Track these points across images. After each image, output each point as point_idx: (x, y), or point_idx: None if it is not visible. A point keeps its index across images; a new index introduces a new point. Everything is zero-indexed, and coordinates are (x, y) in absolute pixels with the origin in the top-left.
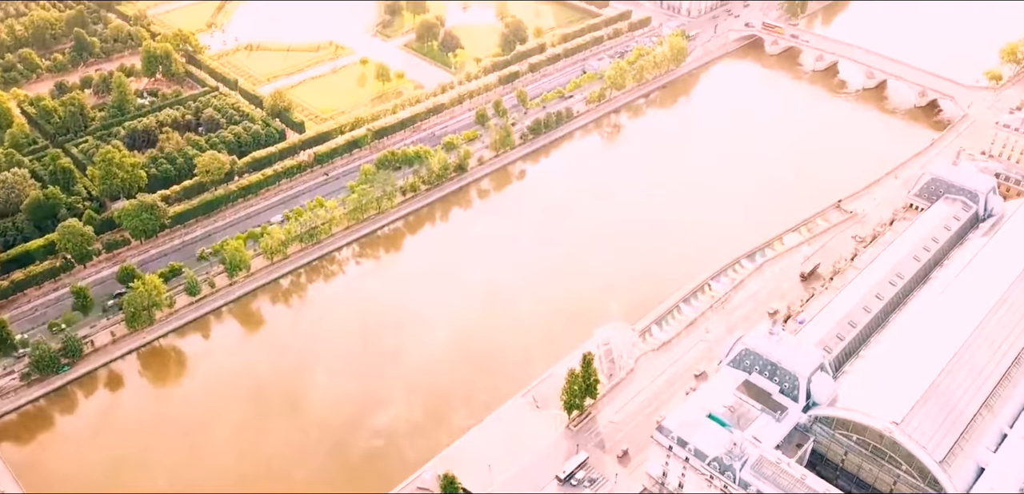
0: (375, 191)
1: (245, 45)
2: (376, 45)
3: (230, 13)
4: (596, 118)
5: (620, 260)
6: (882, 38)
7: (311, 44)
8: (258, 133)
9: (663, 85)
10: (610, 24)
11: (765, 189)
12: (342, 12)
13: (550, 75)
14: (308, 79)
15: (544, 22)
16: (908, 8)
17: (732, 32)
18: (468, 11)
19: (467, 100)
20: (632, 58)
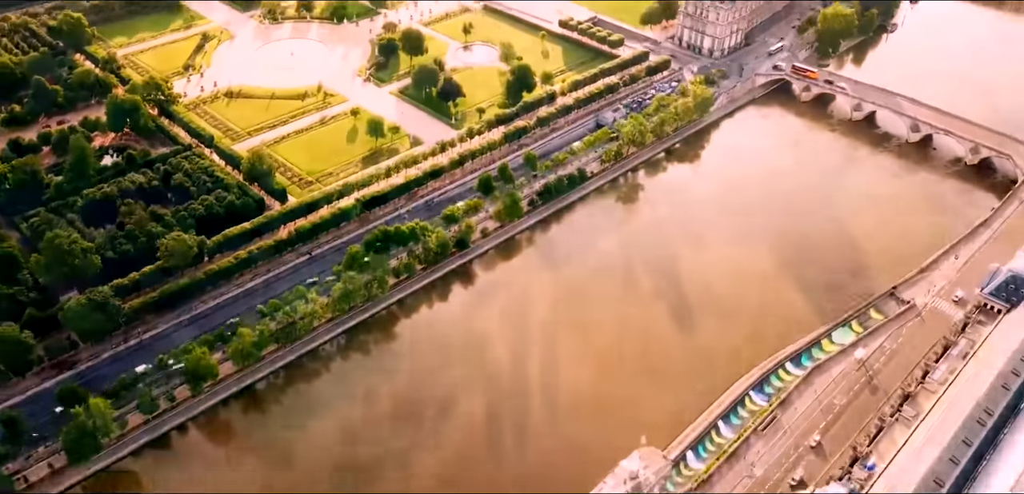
0: (364, 277)
1: (225, 90)
2: (369, 91)
3: (210, 53)
4: (612, 178)
5: (644, 358)
6: (925, 81)
7: (297, 89)
8: (233, 204)
9: (685, 137)
10: (625, 68)
11: (803, 267)
12: (332, 53)
13: (560, 128)
14: (293, 132)
15: (552, 64)
16: (956, 48)
17: (759, 75)
18: (470, 50)
19: (469, 161)
20: (651, 109)
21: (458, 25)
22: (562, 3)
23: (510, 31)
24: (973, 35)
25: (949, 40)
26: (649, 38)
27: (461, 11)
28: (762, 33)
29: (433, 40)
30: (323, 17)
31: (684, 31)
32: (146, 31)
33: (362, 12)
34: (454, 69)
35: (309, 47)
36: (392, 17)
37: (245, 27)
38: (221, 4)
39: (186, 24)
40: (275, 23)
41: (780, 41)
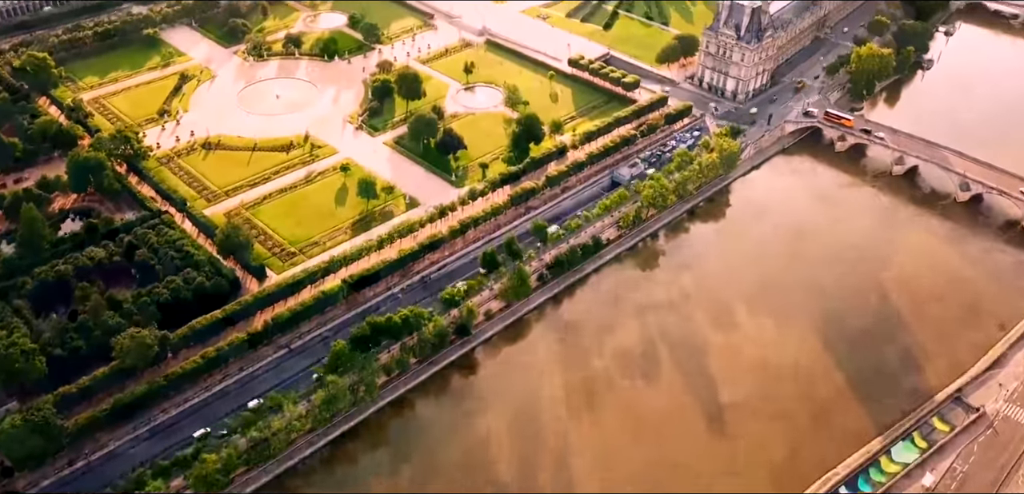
0: (350, 379)
1: (202, 141)
2: (361, 141)
3: (189, 95)
4: (631, 245)
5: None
6: (970, 126)
7: (282, 139)
8: (202, 286)
9: (709, 196)
10: (642, 115)
11: (849, 355)
12: (322, 94)
13: (572, 187)
14: (276, 190)
15: (562, 108)
16: (999, 85)
17: (788, 122)
18: (472, 91)
19: (471, 228)
20: (672, 166)
21: (459, 63)
22: (572, 37)
23: (515, 69)
24: (1016, 69)
25: (990, 76)
26: (666, 78)
27: (462, 46)
28: (789, 72)
29: (431, 80)
30: (313, 53)
31: (705, 71)
32: (121, 69)
33: (355, 48)
34: (454, 115)
35: (297, 88)
36: (387, 53)
37: (228, 65)
38: (203, 39)
39: (164, 62)
40: (260, 60)
41: (814, 79)
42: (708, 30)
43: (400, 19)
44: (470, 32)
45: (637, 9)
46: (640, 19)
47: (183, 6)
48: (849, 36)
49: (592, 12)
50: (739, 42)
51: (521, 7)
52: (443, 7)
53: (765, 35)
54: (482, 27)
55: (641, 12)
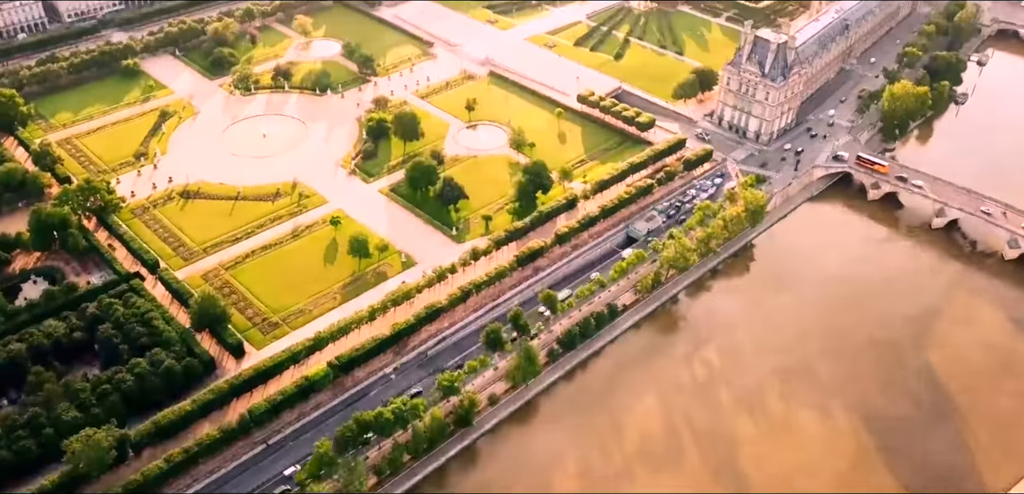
0: (333, 483)
1: (181, 189)
2: (353, 189)
3: (168, 135)
4: (650, 311)
5: None
6: (1013, 171)
7: (268, 187)
8: (172, 370)
9: (734, 252)
10: (659, 160)
11: (896, 460)
12: (312, 133)
13: (583, 244)
14: (259, 247)
15: (571, 149)
16: None
17: (817, 167)
18: (475, 129)
19: (473, 294)
20: (693, 221)
21: (460, 98)
22: (581, 68)
23: (520, 105)
24: None
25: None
26: (683, 115)
27: (463, 79)
28: (814, 109)
29: (430, 118)
30: (304, 87)
31: (725, 109)
32: (97, 104)
33: (349, 81)
34: (455, 158)
35: (285, 126)
36: (383, 86)
37: (212, 99)
38: (187, 69)
39: (144, 96)
40: (247, 94)
41: (847, 123)
42: (729, 66)
43: (398, 47)
44: (472, 62)
45: (649, 36)
46: (653, 48)
47: (166, 34)
48: (876, 66)
49: (602, 40)
50: (763, 79)
51: (526, 33)
52: (443, 33)
53: (792, 72)
54: (485, 57)
55: (654, 40)
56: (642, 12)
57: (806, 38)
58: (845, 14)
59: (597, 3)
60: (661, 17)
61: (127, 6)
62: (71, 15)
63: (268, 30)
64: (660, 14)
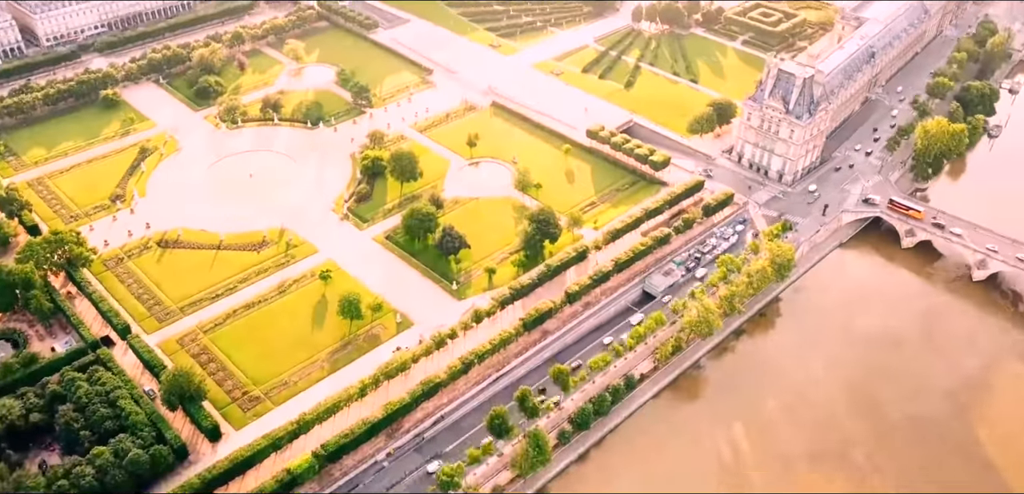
0: None
1: (158, 237)
2: (346, 236)
3: (148, 174)
4: (670, 380)
5: None
6: None
7: (253, 234)
8: (137, 461)
9: (760, 309)
10: (676, 204)
11: None
12: (303, 171)
13: (596, 302)
14: (242, 306)
15: (580, 190)
16: None
17: (846, 211)
18: (477, 166)
19: (475, 363)
20: (716, 277)
21: (461, 132)
22: (589, 98)
23: (525, 140)
24: None
25: None
26: (699, 152)
27: (464, 110)
28: (840, 145)
29: (429, 155)
30: (295, 119)
31: (745, 146)
32: (73, 139)
33: (342, 112)
34: (456, 200)
35: (274, 164)
36: (379, 117)
37: (196, 133)
38: (171, 98)
39: (123, 129)
40: (234, 127)
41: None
42: (750, 101)
43: (395, 74)
44: (474, 91)
45: (661, 62)
46: (665, 75)
47: (149, 60)
48: (903, 95)
49: (611, 66)
50: (787, 116)
51: (531, 59)
52: (443, 59)
53: (818, 108)
54: (487, 86)
55: (666, 66)
56: (653, 36)
57: (831, 68)
58: (871, 41)
59: (605, 26)
60: (673, 41)
61: (109, 29)
62: (50, 38)
63: (258, 55)
64: (672, 38)
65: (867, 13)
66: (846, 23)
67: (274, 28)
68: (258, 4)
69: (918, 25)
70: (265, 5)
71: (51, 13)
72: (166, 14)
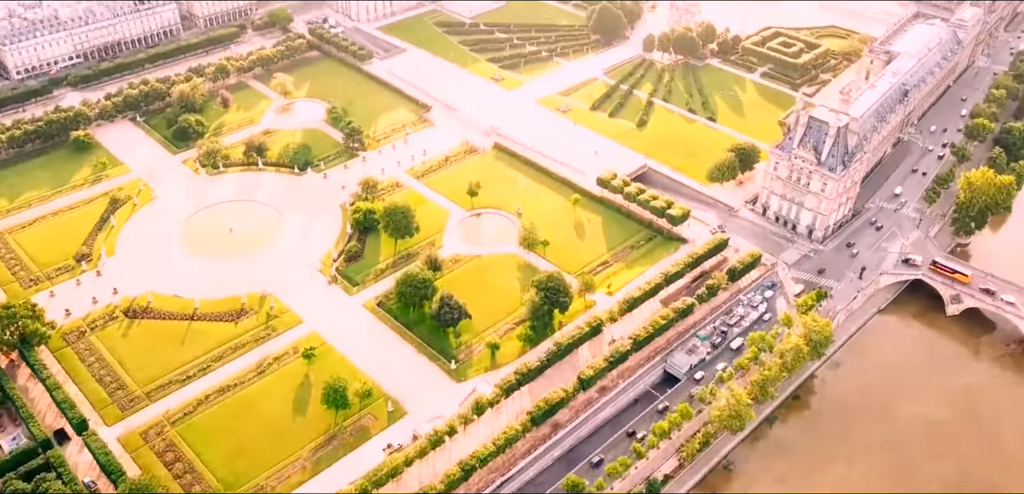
0: None
1: (127, 303)
2: (334, 302)
3: (119, 227)
4: (696, 481)
5: None
6: None
7: (231, 301)
8: None
9: (794, 392)
10: (696, 268)
11: None
12: (289, 225)
13: (612, 386)
14: (215, 391)
15: (591, 247)
16: None
17: (884, 273)
18: (479, 217)
19: (476, 469)
20: (746, 359)
21: (461, 178)
22: (599, 138)
23: (530, 187)
24: None
25: None
26: (720, 202)
27: (465, 152)
28: (873, 194)
29: (426, 206)
30: (281, 163)
31: (771, 198)
32: (38, 187)
33: (332, 156)
34: (456, 259)
35: (257, 217)
36: (373, 161)
37: (173, 179)
38: (147, 139)
39: (94, 176)
40: (215, 172)
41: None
42: (777, 150)
43: (391, 111)
44: (475, 131)
45: (676, 97)
46: (680, 112)
47: (125, 97)
48: (938, 136)
49: (622, 102)
50: (819, 168)
51: (536, 94)
52: (442, 94)
53: (853, 160)
54: (489, 126)
55: (681, 101)
56: (666, 67)
57: (863, 110)
58: (903, 79)
59: (615, 56)
60: (688, 73)
61: (85, 60)
62: (20, 71)
63: (243, 89)
64: (686, 70)
65: (897, 45)
66: (875, 57)
67: (261, 59)
68: (245, 32)
69: (951, 57)
70: (253, 33)
71: (22, 44)
72: (147, 43)
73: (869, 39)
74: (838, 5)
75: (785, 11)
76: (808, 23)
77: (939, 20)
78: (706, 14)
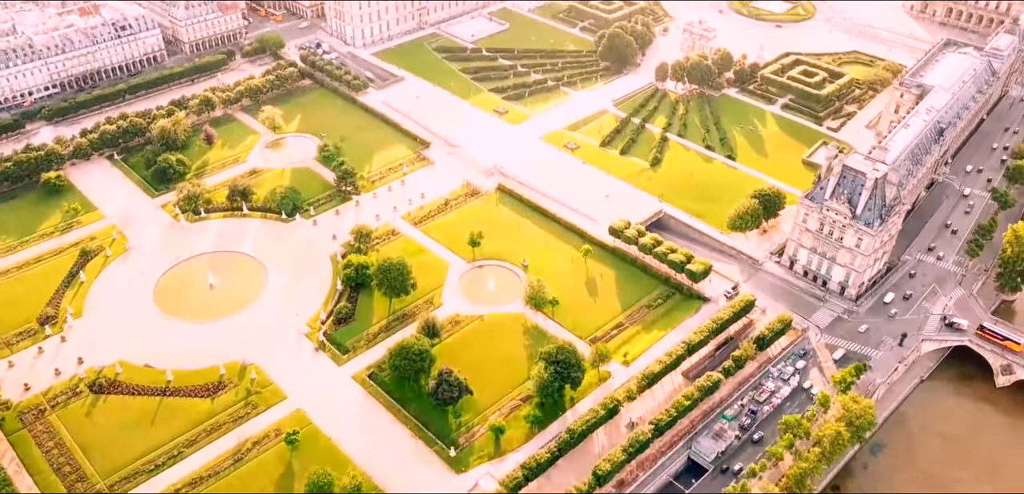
0: None
1: (93, 374)
2: (320, 375)
3: (88, 283)
4: None
5: None
6: None
7: (208, 372)
8: None
9: (834, 482)
10: (721, 334)
11: None
12: (275, 278)
13: (631, 479)
14: (185, 484)
15: (604, 306)
16: None
17: (926, 339)
18: (483, 271)
19: None
20: (779, 447)
21: (462, 225)
22: (611, 179)
23: (537, 236)
24: None
25: None
26: (743, 254)
27: (466, 195)
28: (908, 245)
29: (424, 258)
30: (268, 208)
31: (799, 251)
32: (3, 236)
33: (323, 200)
34: (456, 320)
35: (241, 269)
36: (367, 204)
37: (150, 227)
38: (125, 180)
39: (65, 222)
40: (196, 219)
41: (954, 267)
42: (807, 200)
43: (386, 147)
44: (477, 171)
45: (692, 132)
46: (697, 149)
47: (102, 133)
48: (974, 177)
49: (634, 138)
50: (854, 222)
51: (542, 129)
52: (442, 129)
53: (892, 213)
54: (493, 165)
55: (697, 137)
56: (680, 98)
57: (897, 153)
58: (938, 116)
59: (625, 85)
60: (703, 104)
61: (62, 91)
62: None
63: (229, 122)
64: (702, 100)
65: (928, 78)
66: (905, 90)
67: (249, 90)
68: (234, 59)
69: (986, 90)
70: (242, 59)
71: None
72: (129, 70)
73: (895, 67)
74: (861, 29)
75: (804, 34)
76: (829, 48)
77: (972, 49)
78: (721, 38)
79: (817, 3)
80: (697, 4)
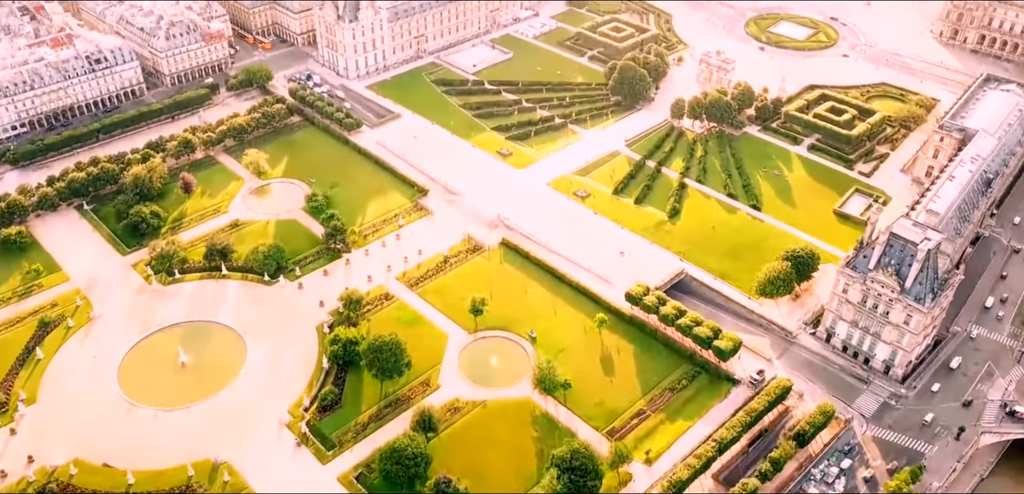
0: None
1: (43, 478)
2: (302, 476)
3: (45, 363)
4: None
5: None
6: None
7: (175, 471)
8: None
9: None
10: (755, 423)
11: None
12: (254, 353)
13: None
14: None
15: (622, 388)
16: None
17: (986, 432)
18: (486, 343)
19: None
20: None
21: (463, 286)
22: (625, 233)
23: (545, 300)
24: None
25: None
26: (775, 324)
27: (467, 251)
28: (956, 314)
29: (420, 327)
30: (249, 268)
31: (838, 323)
32: None
33: (311, 257)
34: (455, 404)
35: (217, 343)
36: (358, 262)
37: (119, 291)
38: (94, 234)
39: (25, 285)
40: (170, 281)
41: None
42: (848, 270)
43: (381, 195)
44: (479, 223)
45: (712, 178)
46: (718, 197)
47: (71, 181)
48: (1022, 230)
49: (649, 185)
50: (903, 297)
51: (549, 174)
52: (441, 173)
53: (946, 286)
54: (496, 215)
55: (718, 183)
56: (697, 137)
57: (944, 208)
58: (983, 164)
59: (638, 122)
60: (723, 144)
61: (32, 130)
62: None
63: (211, 166)
64: (721, 139)
65: (970, 120)
66: (946, 134)
67: (233, 129)
68: (218, 93)
69: None
70: (227, 93)
71: None
72: (105, 106)
73: (928, 102)
74: (888, 58)
75: (828, 64)
76: (855, 79)
77: (1016, 86)
78: (740, 69)
79: (840, 27)
80: (713, 30)
